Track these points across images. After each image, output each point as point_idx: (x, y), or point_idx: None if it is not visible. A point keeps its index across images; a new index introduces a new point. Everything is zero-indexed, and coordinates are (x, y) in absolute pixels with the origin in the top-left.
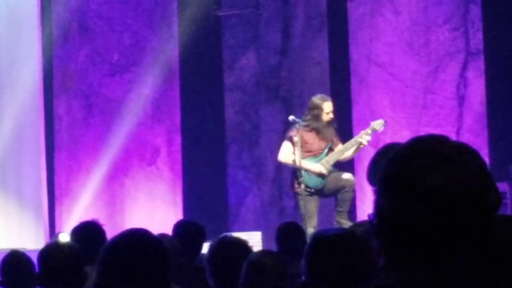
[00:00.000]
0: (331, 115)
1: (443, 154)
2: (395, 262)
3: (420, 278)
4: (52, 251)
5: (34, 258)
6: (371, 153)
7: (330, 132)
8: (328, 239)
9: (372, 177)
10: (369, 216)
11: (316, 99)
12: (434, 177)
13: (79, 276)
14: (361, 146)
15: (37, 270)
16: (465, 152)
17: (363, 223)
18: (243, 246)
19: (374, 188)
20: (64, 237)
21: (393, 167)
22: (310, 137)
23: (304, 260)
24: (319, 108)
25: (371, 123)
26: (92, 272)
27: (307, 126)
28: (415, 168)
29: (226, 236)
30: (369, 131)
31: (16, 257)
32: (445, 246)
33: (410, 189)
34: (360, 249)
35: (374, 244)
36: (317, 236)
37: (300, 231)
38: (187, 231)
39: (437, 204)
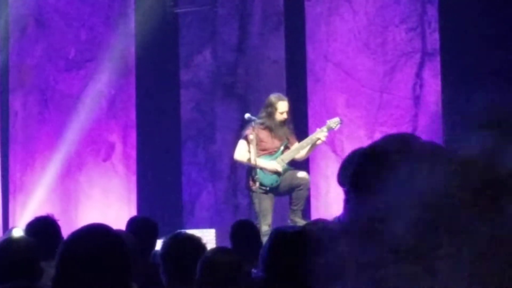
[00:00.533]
0: (285, 115)
1: (409, 151)
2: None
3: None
4: (7, 245)
5: None
6: (326, 151)
7: (284, 131)
8: (288, 236)
9: (342, 178)
10: (337, 217)
11: (272, 97)
12: (400, 175)
13: (35, 271)
14: (318, 142)
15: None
16: (431, 149)
17: (316, 222)
18: (196, 243)
19: (345, 189)
20: (18, 232)
21: (361, 166)
22: (265, 135)
23: (264, 256)
24: (273, 106)
25: (327, 121)
26: (47, 268)
27: (262, 124)
28: (382, 166)
29: (179, 233)
30: (325, 129)
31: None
32: (407, 244)
33: (376, 187)
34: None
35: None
36: (278, 233)
37: (254, 229)
38: (141, 228)
39: (403, 202)
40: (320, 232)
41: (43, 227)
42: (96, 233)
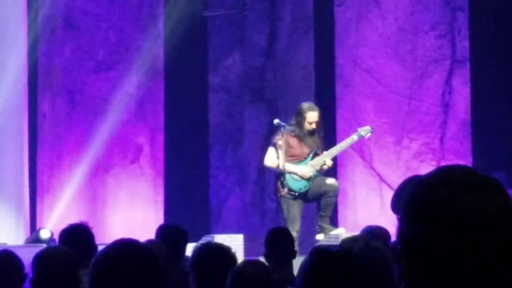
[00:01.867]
0: (313, 126)
1: (467, 182)
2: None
3: None
4: (47, 255)
5: (16, 253)
6: (354, 158)
7: (313, 140)
8: (331, 256)
9: (396, 205)
10: (392, 243)
11: (304, 106)
12: (458, 204)
13: (73, 282)
14: (324, 167)
15: (25, 270)
16: (488, 181)
17: (355, 239)
18: (226, 253)
19: (398, 216)
20: (45, 233)
21: (418, 194)
22: (294, 142)
23: (303, 275)
24: (302, 115)
25: (358, 129)
26: (82, 277)
27: (292, 131)
28: (439, 195)
29: (210, 243)
30: (355, 137)
31: (4, 257)
32: (467, 274)
33: (434, 215)
34: (360, 269)
35: (372, 263)
36: (321, 252)
37: (290, 238)
38: (171, 235)
39: (460, 231)
40: (369, 254)
41: (77, 235)
42: (123, 248)
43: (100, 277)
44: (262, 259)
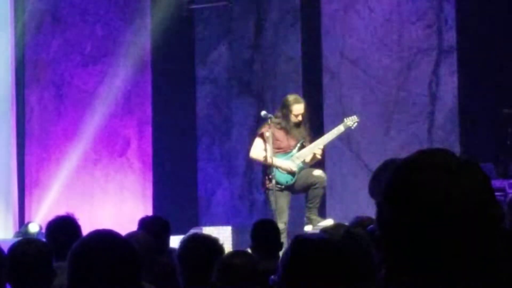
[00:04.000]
0: (299, 118)
1: (446, 167)
2: (397, 273)
3: None
4: (21, 248)
5: (5, 247)
6: (342, 149)
7: (300, 132)
8: (311, 244)
9: (373, 190)
10: (370, 228)
11: (290, 98)
12: (437, 189)
13: (48, 273)
14: (316, 158)
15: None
16: (467, 165)
17: (338, 226)
18: (213, 244)
19: (376, 201)
20: (34, 227)
21: (397, 179)
22: (280, 134)
23: (283, 263)
24: (288, 108)
25: (345, 119)
26: (66, 268)
27: (278, 123)
28: (419, 179)
29: (196, 234)
30: (341, 127)
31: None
32: (448, 257)
33: (414, 201)
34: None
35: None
36: (300, 241)
37: (276, 229)
38: (153, 227)
39: (440, 215)
40: (350, 241)
41: (63, 226)
42: (100, 239)
43: (78, 267)
44: (249, 251)
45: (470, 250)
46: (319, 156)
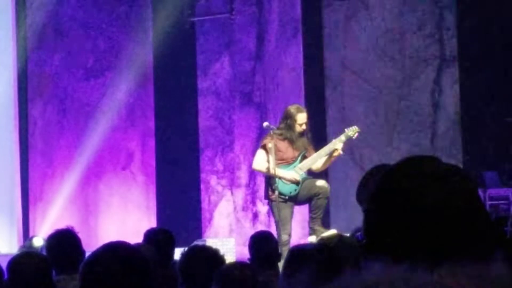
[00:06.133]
0: (304, 127)
1: (433, 174)
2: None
3: None
4: (22, 260)
5: (6, 263)
6: (345, 159)
7: (303, 142)
8: (304, 253)
9: (361, 198)
10: (357, 236)
11: (292, 108)
12: (424, 195)
13: (47, 287)
14: (335, 154)
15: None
16: (455, 173)
17: (333, 235)
18: (213, 254)
19: (363, 208)
20: (38, 241)
21: (384, 186)
22: (283, 145)
23: (282, 272)
24: (292, 118)
25: (345, 130)
26: (67, 282)
27: (280, 134)
28: (406, 186)
29: (197, 245)
30: (343, 138)
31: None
32: (435, 264)
33: (401, 207)
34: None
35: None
36: (296, 250)
37: (273, 241)
38: (158, 239)
39: (428, 221)
40: (343, 248)
41: (63, 240)
42: (113, 250)
43: (90, 278)
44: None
45: (457, 255)
46: (340, 151)
